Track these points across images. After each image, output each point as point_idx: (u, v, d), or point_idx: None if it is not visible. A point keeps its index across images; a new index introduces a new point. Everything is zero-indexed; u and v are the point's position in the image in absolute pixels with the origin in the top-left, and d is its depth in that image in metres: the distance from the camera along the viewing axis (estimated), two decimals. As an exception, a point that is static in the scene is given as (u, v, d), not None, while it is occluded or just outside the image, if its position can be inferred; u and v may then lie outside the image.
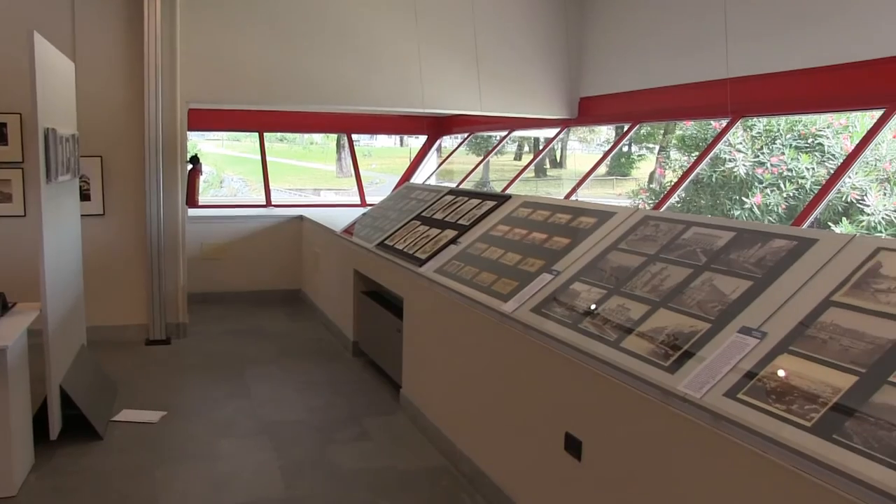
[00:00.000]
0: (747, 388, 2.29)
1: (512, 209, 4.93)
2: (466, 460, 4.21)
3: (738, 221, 3.29)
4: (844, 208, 8.49)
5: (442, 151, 13.06)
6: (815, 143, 8.98)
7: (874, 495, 1.80)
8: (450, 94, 7.88)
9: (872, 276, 2.42)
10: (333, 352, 6.94)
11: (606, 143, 18.84)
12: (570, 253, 3.83)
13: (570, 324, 3.24)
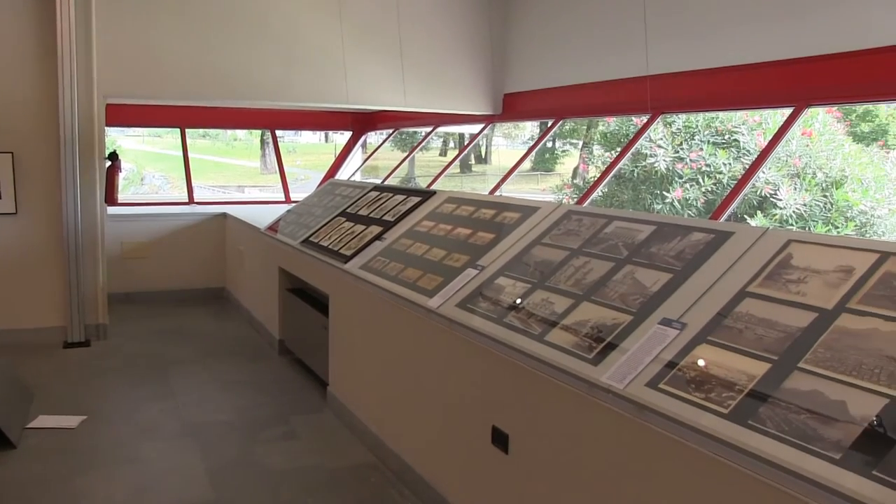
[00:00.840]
0: (668, 378, 2.35)
1: (437, 205, 4.94)
2: (395, 457, 4.20)
3: (659, 215, 3.37)
4: (759, 202, 8.76)
5: (367, 147, 13.00)
6: (731, 139, 9.23)
7: (787, 476, 1.87)
8: (374, 90, 7.84)
9: (784, 268, 2.50)
10: (259, 350, 6.85)
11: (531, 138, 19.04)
12: (495, 248, 3.85)
13: (495, 318, 3.26)
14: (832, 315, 2.21)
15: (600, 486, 2.58)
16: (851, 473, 1.75)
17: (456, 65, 8.25)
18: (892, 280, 2.21)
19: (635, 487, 2.42)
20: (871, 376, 1.95)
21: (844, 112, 10.50)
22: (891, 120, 19.33)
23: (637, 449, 2.40)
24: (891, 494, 1.67)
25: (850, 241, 2.53)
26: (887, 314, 2.11)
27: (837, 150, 8.89)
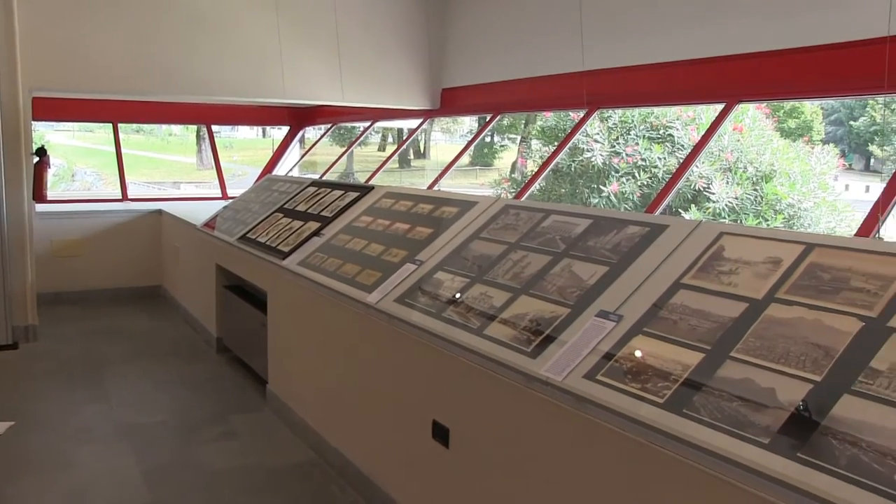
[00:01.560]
0: (605, 370, 2.38)
1: (375, 200, 4.92)
2: (336, 453, 4.19)
3: (595, 209, 3.41)
4: (693, 196, 8.94)
5: (305, 143, 12.89)
6: (666, 134, 9.40)
7: (719, 462, 1.91)
8: (311, 85, 7.77)
9: (716, 259, 2.56)
10: (196, 349, 6.75)
11: (469, 133, 19.09)
12: (433, 243, 3.86)
13: (434, 313, 3.27)
14: (762, 305, 2.27)
15: (540, 476, 2.61)
16: (779, 457, 1.81)
17: (394, 59, 8.23)
18: (816, 270, 2.29)
19: (574, 477, 2.46)
20: (797, 363, 2.01)
21: (773, 108, 10.78)
22: (815, 117, 19.91)
23: (576, 439, 2.44)
24: (814, 475, 1.73)
25: (778, 233, 2.61)
26: (812, 303, 2.18)
27: (766, 146, 9.13)
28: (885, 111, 21.15)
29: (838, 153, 11.05)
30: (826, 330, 2.07)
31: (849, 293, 2.15)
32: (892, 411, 1.77)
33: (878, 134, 22.08)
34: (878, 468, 1.67)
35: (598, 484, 2.36)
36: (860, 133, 23.50)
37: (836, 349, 2.00)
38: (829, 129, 23.24)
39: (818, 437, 1.81)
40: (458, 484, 3.09)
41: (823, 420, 1.84)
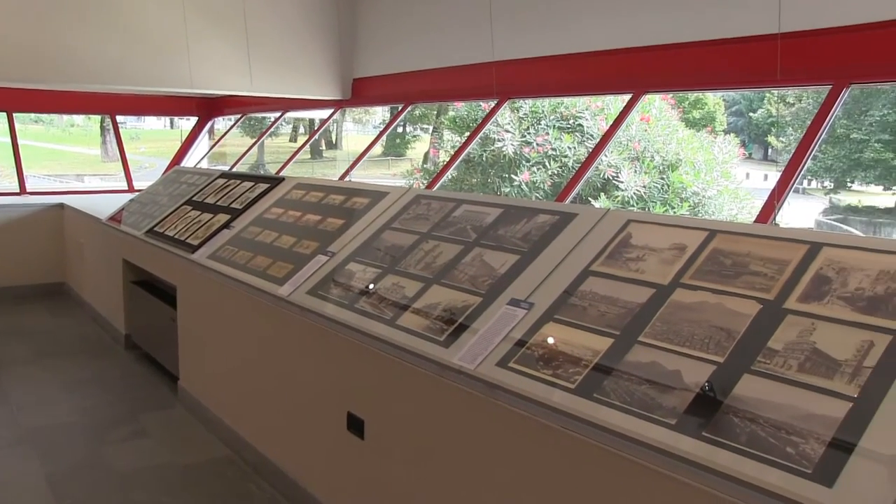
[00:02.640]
0: (518, 357, 2.41)
1: (285, 191, 4.86)
2: (251, 449, 4.12)
3: (505, 198, 3.45)
4: (602, 184, 9.12)
5: (214, 133, 12.61)
6: (575, 124, 9.55)
7: (629, 444, 1.97)
8: (219, 74, 7.59)
9: (624, 246, 2.62)
10: (103, 347, 6.53)
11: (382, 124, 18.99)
12: (345, 234, 3.83)
13: (346, 304, 3.25)
14: (668, 290, 2.34)
15: (455, 465, 2.63)
16: (685, 436, 1.87)
17: (304, 49, 8.11)
18: (718, 256, 2.36)
19: (489, 465, 2.48)
20: (701, 346, 2.08)
21: (678, 99, 11.07)
22: (717, 108, 20.56)
23: (490, 427, 2.46)
24: (717, 452, 1.80)
25: (683, 220, 2.68)
26: (715, 287, 2.25)
27: (672, 135, 9.38)
28: (779, 104, 22.00)
29: (739, 143, 11.45)
30: (728, 313, 2.15)
31: (748, 277, 2.23)
32: (786, 388, 1.85)
33: (774, 125, 22.93)
34: (775, 442, 1.75)
35: (513, 470, 2.39)
36: (759, 124, 24.36)
37: (737, 331, 2.07)
38: (731, 120, 23.99)
39: (721, 415, 1.87)
40: (374, 475, 3.09)
41: (726, 399, 1.90)
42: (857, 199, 21.35)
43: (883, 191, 20.92)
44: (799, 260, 2.20)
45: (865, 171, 19.92)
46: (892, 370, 1.77)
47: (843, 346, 1.88)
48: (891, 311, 1.91)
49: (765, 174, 17.36)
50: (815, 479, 1.64)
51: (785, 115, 22.08)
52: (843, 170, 20.34)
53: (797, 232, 2.34)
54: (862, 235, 10.76)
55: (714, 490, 1.80)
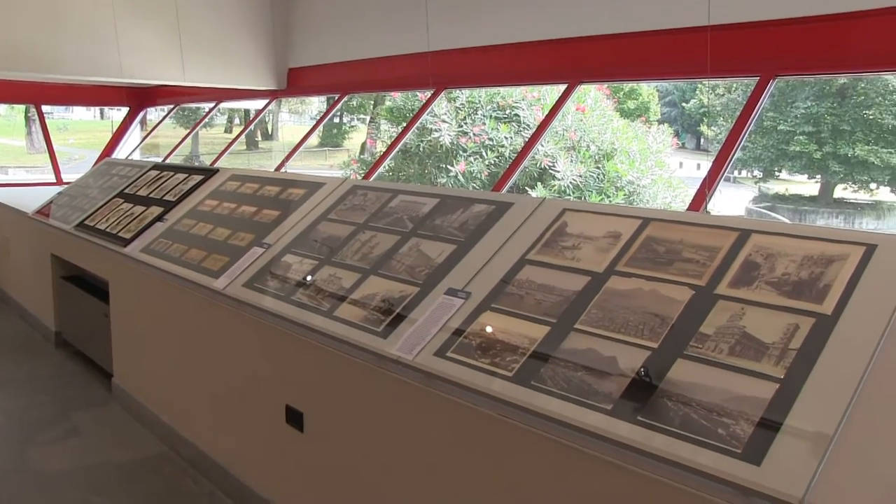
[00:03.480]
0: (455, 346, 2.42)
1: (220, 183, 4.78)
2: (188, 444, 4.06)
3: (442, 188, 3.45)
4: (539, 174, 9.18)
5: (147, 124, 12.34)
6: (512, 113, 9.59)
7: (567, 430, 2.00)
8: (150, 63, 7.40)
9: (560, 235, 2.65)
10: (32, 345, 6.34)
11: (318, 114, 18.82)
12: (281, 225, 3.79)
13: (283, 296, 3.21)
14: (603, 278, 2.37)
15: (395, 455, 2.63)
16: (621, 421, 1.91)
17: (238, 38, 7.96)
18: (652, 243, 2.40)
19: (429, 454, 2.49)
20: (636, 332, 2.12)
21: (613, 90, 11.22)
22: (651, 98, 20.91)
23: (428, 417, 2.46)
24: (652, 436, 1.84)
25: (618, 208, 2.72)
26: (649, 274, 2.29)
27: (607, 125, 9.49)
28: (710, 94, 22.48)
29: (672, 133, 11.66)
30: (661, 299, 2.19)
31: (681, 264, 2.27)
32: (718, 372, 1.90)
33: (706, 115, 23.44)
34: (706, 424, 1.79)
35: (453, 459, 2.40)
36: (691, 114, 24.88)
37: (671, 317, 2.11)
38: (665, 111, 24.46)
39: (656, 400, 1.91)
40: (314, 467, 3.07)
41: (660, 384, 1.94)
42: (784, 188, 21.99)
43: (807, 180, 21.58)
44: (729, 247, 2.25)
45: (792, 161, 20.51)
46: (816, 351, 1.83)
47: (771, 330, 1.94)
48: (814, 295, 1.97)
49: (698, 163, 17.72)
50: (744, 459, 1.69)
51: (716, 106, 22.60)
52: (772, 160, 20.92)
53: (727, 219, 2.40)
54: (788, 222, 11.08)
55: (649, 473, 1.84)
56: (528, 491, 2.17)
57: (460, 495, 2.40)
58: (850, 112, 19.31)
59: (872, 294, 1.90)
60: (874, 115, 18.87)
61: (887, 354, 1.76)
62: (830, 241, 2.11)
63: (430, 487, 2.50)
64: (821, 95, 19.68)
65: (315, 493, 3.09)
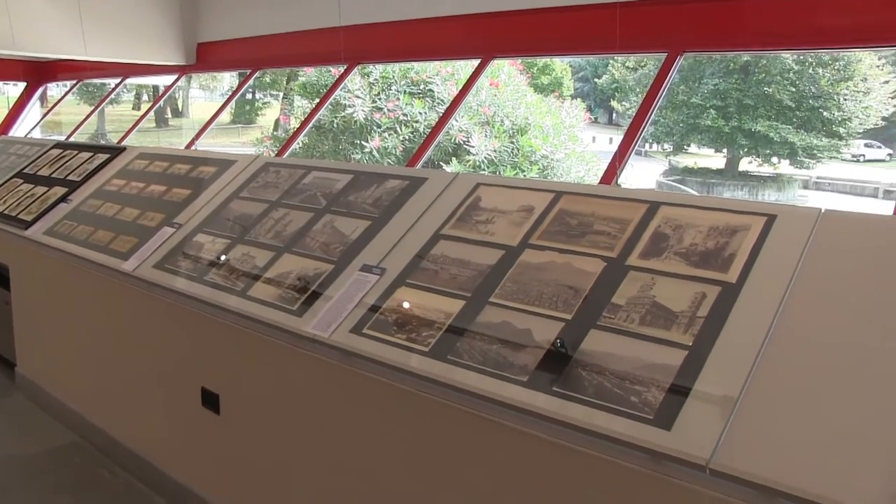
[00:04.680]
0: (371, 323, 2.41)
1: (127, 162, 4.63)
2: (100, 433, 3.94)
3: (355, 164, 3.42)
4: (454, 149, 9.21)
5: (48, 100, 11.84)
6: (426, 89, 9.57)
7: (484, 403, 2.02)
8: (47, 36, 7.06)
9: (474, 210, 2.65)
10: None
11: (231, 90, 18.42)
12: (192, 204, 3.70)
13: (196, 277, 3.14)
14: (517, 251, 2.39)
15: (315, 434, 2.61)
16: (537, 392, 1.93)
17: (143, 11, 7.67)
18: (565, 217, 2.43)
19: (348, 432, 2.48)
20: (550, 304, 2.14)
21: (526, 65, 11.29)
22: (565, 74, 21.16)
23: (347, 394, 2.46)
24: (568, 406, 1.87)
25: (530, 182, 2.75)
26: (562, 247, 2.32)
27: (521, 100, 9.57)
28: (622, 70, 22.96)
29: (585, 108, 11.84)
30: (574, 271, 2.22)
31: (593, 236, 2.31)
32: (629, 341, 1.94)
33: (618, 91, 23.92)
34: (620, 393, 1.83)
35: (373, 436, 2.40)
36: (604, 90, 25.34)
37: (584, 289, 2.15)
38: (578, 86, 24.86)
39: (570, 370, 1.94)
40: (232, 449, 3.03)
41: (574, 355, 1.97)
42: (693, 162, 22.64)
43: (715, 153, 22.27)
44: (639, 219, 2.30)
45: (701, 135, 21.14)
46: (722, 319, 1.89)
47: (679, 299, 1.99)
48: (720, 265, 2.02)
49: (610, 137, 18.07)
50: (655, 424, 1.74)
51: (628, 81, 23.06)
52: (682, 134, 21.52)
53: (637, 192, 2.44)
54: (696, 194, 11.39)
55: (566, 442, 1.87)
56: (447, 464, 2.19)
57: (380, 471, 2.40)
58: (752, 88, 19.98)
59: (773, 262, 1.97)
60: (773, 92, 19.57)
61: (786, 319, 1.83)
62: (734, 212, 2.17)
63: (349, 465, 2.50)
64: (727, 72, 20.30)
65: (234, 475, 3.05)
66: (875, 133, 20.81)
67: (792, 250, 1.98)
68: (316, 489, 2.66)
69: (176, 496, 3.39)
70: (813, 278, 1.90)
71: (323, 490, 2.62)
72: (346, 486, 2.53)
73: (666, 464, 1.72)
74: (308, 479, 2.68)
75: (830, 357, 1.73)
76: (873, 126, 19.95)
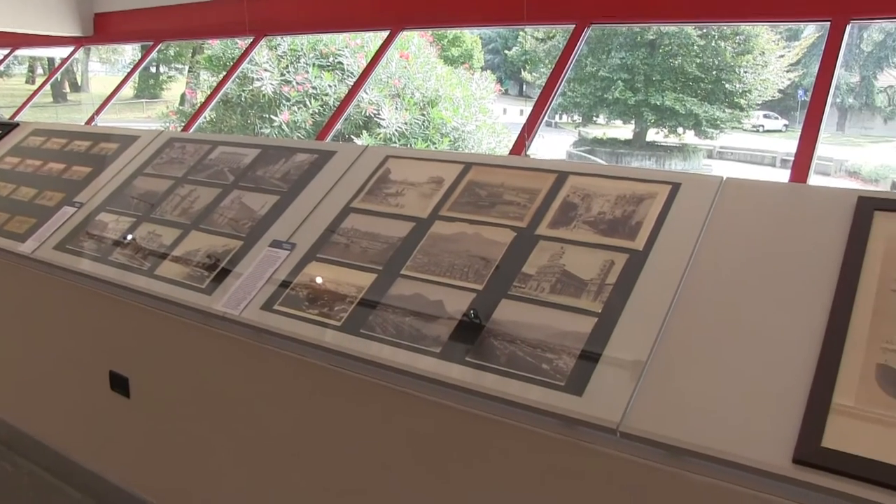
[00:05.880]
0: (283, 299, 2.38)
1: (22, 138, 4.43)
2: (1, 424, 3.80)
3: (263, 138, 3.36)
4: (364, 122, 9.13)
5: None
6: (335, 61, 9.45)
7: (397, 375, 2.03)
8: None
9: (383, 182, 2.64)
10: None
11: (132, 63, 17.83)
12: (94, 182, 3.57)
13: (99, 257, 3.04)
14: (427, 223, 2.39)
15: (228, 414, 2.58)
16: (451, 363, 1.94)
17: (33, -21, 7.33)
18: (474, 187, 2.44)
19: (263, 409, 2.46)
20: (461, 275, 2.15)
21: (436, 37, 11.26)
22: (475, 45, 21.17)
23: (260, 372, 2.43)
24: (481, 375, 1.89)
25: (439, 154, 2.75)
26: (472, 218, 2.33)
27: (431, 72, 9.54)
28: (532, 41, 23.13)
29: (496, 79, 11.89)
30: (485, 242, 2.23)
31: (502, 207, 2.32)
32: (540, 310, 1.97)
33: (528, 62, 24.10)
34: (532, 361, 1.86)
35: (288, 412, 2.38)
36: (514, 61, 25.49)
37: (494, 259, 2.16)
38: (488, 58, 24.92)
39: (483, 340, 1.96)
40: (143, 433, 2.96)
41: (486, 325, 1.99)
42: (602, 133, 23.06)
43: (623, 124, 22.73)
44: (548, 189, 2.32)
45: (609, 107, 21.53)
46: (630, 286, 1.93)
47: (589, 267, 2.02)
48: (627, 232, 2.07)
49: (521, 109, 18.18)
50: (567, 391, 1.77)
51: (539, 53, 23.24)
52: (591, 105, 21.86)
53: (545, 163, 2.47)
54: (604, 164, 11.61)
55: (481, 411, 1.90)
56: (363, 438, 2.19)
57: (295, 449, 2.38)
58: (659, 62, 20.44)
59: (678, 229, 2.02)
60: (679, 65, 20.08)
61: (691, 284, 1.88)
62: (641, 181, 2.22)
63: (264, 444, 2.47)
64: (634, 45, 20.69)
65: (146, 459, 2.98)
66: (773, 105, 21.61)
67: (696, 217, 2.03)
68: (232, 469, 2.62)
69: (87, 485, 3.30)
70: (716, 244, 1.96)
71: (240, 470, 2.59)
72: (262, 465, 2.50)
73: (578, 429, 1.76)
74: (224, 459, 2.64)
75: (733, 320, 1.79)
76: (771, 98, 20.73)
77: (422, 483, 2.08)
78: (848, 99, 22.86)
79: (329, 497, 2.32)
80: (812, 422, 1.54)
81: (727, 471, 1.58)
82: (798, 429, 1.54)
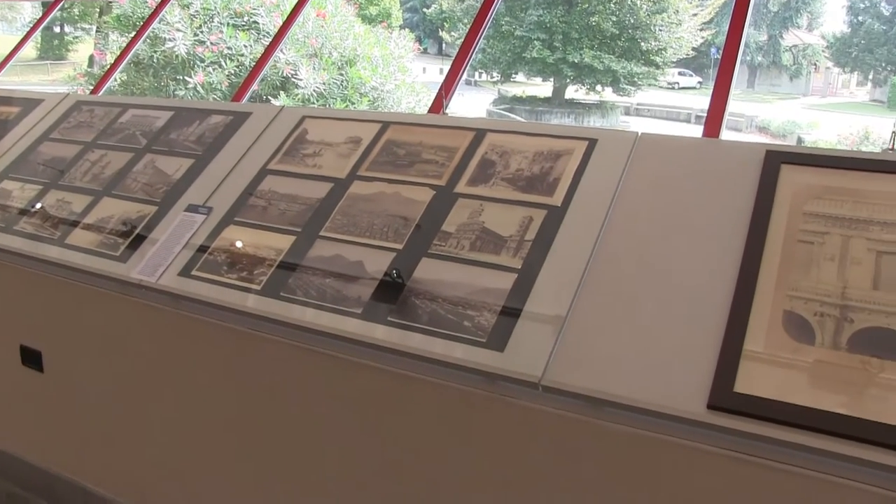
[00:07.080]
0: (200, 264, 2.34)
1: (-86, 105, 4.21)
2: None
3: (175, 101, 3.27)
4: (282, 83, 8.97)
5: None
6: (251, 21, 9.24)
7: (321, 338, 2.02)
8: None
9: (300, 143, 2.60)
10: None
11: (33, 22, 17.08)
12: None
13: (5, 227, 2.92)
14: (345, 183, 2.37)
15: (147, 384, 2.53)
16: (373, 324, 1.95)
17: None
18: (392, 147, 2.43)
19: (182, 379, 2.42)
20: (381, 235, 2.15)
21: (354, -5, 11.08)
22: (393, 4, 20.93)
23: (180, 339, 2.39)
24: (405, 335, 1.90)
25: (357, 113, 2.72)
26: (390, 177, 2.32)
27: (349, 31, 9.41)
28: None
29: (415, 38, 11.80)
30: (404, 201, 2.23)
31: (421, 165, 2.32)
32: (461, 267, 1.98)
33: (447, 21, 23.97)
34: (454, 319, 1.88)
35: (209, 379, 2.35)
36: (433, 20, 25.33)
37: (414, 218, 2.16)
38: (407, 16, 24.68)
39: (405, 299, 1.97)
40: (59, 408, 2.88)
41: (408, 284, 1.99)
42: (521, 91, 23.17)
43: (542, 82, 22.88)
44: (466, 146, 2.32)
45: (528, 65, 21.63)
46: (548, 241, 1.95)
47: (508, 224, 2.04)
48: (545, 189, 2.09)
49: (440, 68, 18.11)
50: (489, 347, 1.80)
51: (457, 11, 23.13)
52: (509, 63, 21.91)
53: (463, 121, 2.47)
54: (522, 121, 11.68)
55: (404, 370, 1.91)
56: (289, 402, 2.18)
57: (217, 416, 2.36)
58: (576, 19, 20.58)
59: (594, 184, 2.05)
60: (597, 22, 20.27)
61: (608, 239, 1.92)
62: (558, 137, 2.24)
63: (186, 412, 2.44)
64: (551, 3, 20.77)
65: (62, 434, 2.90)
66: (687, 62, 22.08)
67: (612, 172, 2.06)
68: (153, 441, 2.58)
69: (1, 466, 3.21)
70: (632, 198, 1.99)
71: (162, 440, 2.55)
72: (184, 435, 2.47)
73: (501, 384, 1.79)
74: (145, 430, 2.60)
75: (649, 273, 1.83)
76: (685, 56, 21.15)
77: (349, 444, 2.09)
78: (757, 57, 23.52)
79: (257, 461, 2.31)
80: (725, 368, 1.59)
81: (646, 419, 1.63)
82: (712, 375, 1.59)
